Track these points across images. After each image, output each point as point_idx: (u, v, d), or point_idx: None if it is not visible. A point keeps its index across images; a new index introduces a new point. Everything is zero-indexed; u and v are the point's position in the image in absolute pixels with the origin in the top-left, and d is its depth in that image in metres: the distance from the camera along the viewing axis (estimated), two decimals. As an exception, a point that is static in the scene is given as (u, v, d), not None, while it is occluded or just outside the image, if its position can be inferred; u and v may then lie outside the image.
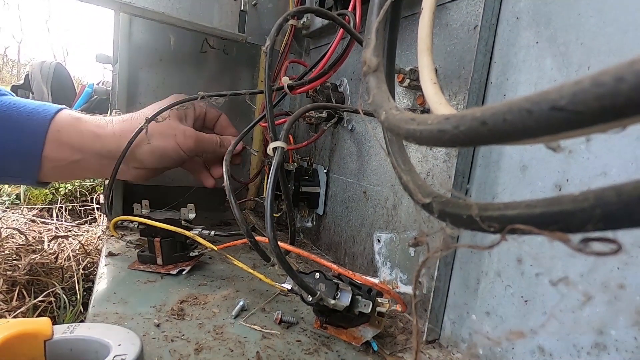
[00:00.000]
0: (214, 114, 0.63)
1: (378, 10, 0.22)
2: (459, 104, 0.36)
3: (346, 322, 0.36)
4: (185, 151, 0.55)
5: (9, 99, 0.48)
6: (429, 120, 0.13)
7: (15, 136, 0.46)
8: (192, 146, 0.55)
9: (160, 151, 0.53)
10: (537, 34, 0.31)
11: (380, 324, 0.36)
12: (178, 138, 0.54)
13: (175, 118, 0.55)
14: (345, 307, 0.33)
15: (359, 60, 0.54)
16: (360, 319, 0.35)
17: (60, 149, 0.49)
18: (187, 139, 0.54)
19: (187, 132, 0.55)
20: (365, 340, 0.35)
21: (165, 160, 0.55)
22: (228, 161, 0.43)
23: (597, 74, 0.08)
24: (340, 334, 0.37)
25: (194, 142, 0.55)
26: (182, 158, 0.56)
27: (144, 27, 0.66)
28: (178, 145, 0.54)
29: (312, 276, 0.36)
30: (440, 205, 0.15)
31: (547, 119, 0.09)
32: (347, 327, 0.36)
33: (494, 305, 0.33)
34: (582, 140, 0.27)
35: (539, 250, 0.29)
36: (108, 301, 0.39)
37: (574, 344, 0.27)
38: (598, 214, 0.09)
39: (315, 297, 0.33)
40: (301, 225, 0.69)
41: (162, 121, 0.53)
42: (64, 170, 0.52)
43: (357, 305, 0.34)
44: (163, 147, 0.53)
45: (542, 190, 0.30)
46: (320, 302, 0.33)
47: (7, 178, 0.51)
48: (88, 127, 0.50)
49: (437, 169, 0.39)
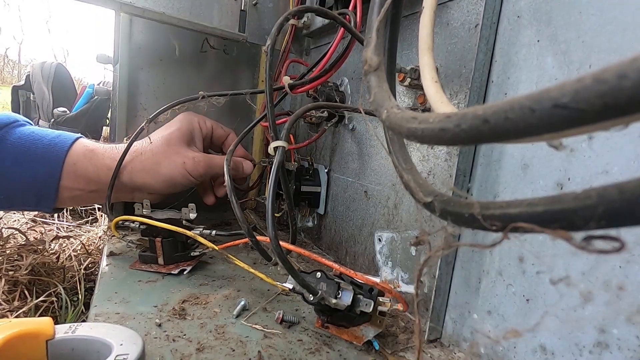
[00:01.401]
0: (221, 133, 0.61)
1: (379, 9, 0.22)
2: (460, 103, 0.36)
3: (347, 321, 0.36)
4: (196, 177, 0.54)
5: (28, 130, 0.48)
6: (431, 118, 0.13)
7: (33, 170, 0.47)
8: (202, 172, 0.54)
9: (169, 180, 0.52)
10: (538, 32, 0.31)
11: (381, 323, 0.36)
12: (187, 165, 0.52)
13: (183, 144, 0.54)
14: (346, 307, 0.33)
15: (359, 59, 0.54)
16: (362, 319, 0.35)
17: (77, 180, 0.49)
18: (196, 165, 0.53)
19: (196, 158, 0.53)
20: (367, 340, 0.35)
21: (175, 187, 0.54)
22: (229, 160, 0.43)
23: (600, 71, 0.08)
24: (341, 333, 0.37)
25: (203, 168, 0.54)
26: (192, 183, 0.55)
27: (144, 27, 0.66)
28: (188, 173, 0.52)
29: (314, 275, 0.36)
30: (442, 204, 0.15)
31: (549, 116, 0.09)
32: (349, 327, 0.36)
33: (496, 304, 0.33)
34: (584, 139, 0.27)
35: (540, 248, 0.29)
36: (109, 301, 0.39)
37: (575, 343, 0.27)
38: (600, 211, 0.09)
39: (317, 296, 0.33)
40: (302, 224, 0.69)
41: (162, 122, 0.53)
42: (80, 199, 0.52)
43: (359, 304, 0.34)
44: (172, 176, 0.52)
45: (543, 188, 0.30)
46: (322, 301, 0.33)
47: (24, 207, 0.51)
48: (103, 160, 0.50)
49: (438, 168, 0.39)
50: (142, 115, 0.70)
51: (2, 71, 4.18)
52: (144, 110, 0.70)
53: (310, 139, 0.61)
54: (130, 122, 0.68)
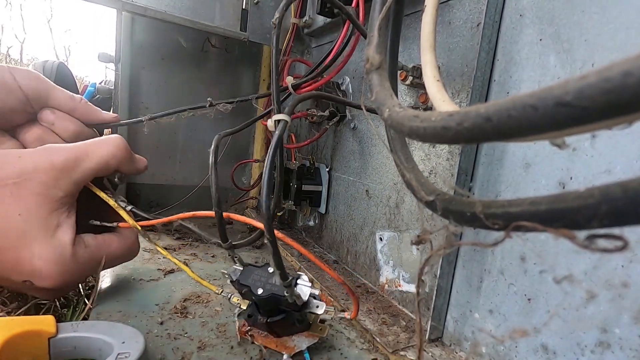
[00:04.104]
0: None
1: (381, 7, 0.22)
2: (462, 102, 0.36)
3: (285, 327, 0.32)
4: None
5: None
6: (433, 117, 0.13)
7: None
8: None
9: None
10: (541, 31, 0.31)
11: (322, 331, 0.34)
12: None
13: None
14: (301, 305, 0.31)
15: (361, 58, 0.54)
16: (302, 326, 0.33)
17: None
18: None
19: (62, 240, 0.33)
20: (298, 351, 0.32)
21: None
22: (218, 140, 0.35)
23: (604, 69, 0.08)
24: (269, 343, 0.33)
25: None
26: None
27: (146, 26, 0.66)
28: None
29: (265, 269, 0.33)
30: (444, 202, 0.15)
31: (553, 114, 0.09)
32: (282, 335, 0.33)
33: (497, 304, 0.33)
34: (587, 137, 0.27)
35: (542, 247, 0.29)
36: (111, 299, 0.39)
37: (577, 342, 0.27)
38: (604, 210, 0.09)
39: (287, 281, 0.29)
40: (303, 223, 0.69)
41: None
42: None
43: (310, 305, 0.32)
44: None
45: (545, 187, 0.30)
46: (272, 295, 0.30)
47: None
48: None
49: (440, 167, 0.39)
50: (143, 113, 0.70)
51: (4, 70, 4.18)
52: (145, 109, 0.70)
53: (312, 138, 0.61)
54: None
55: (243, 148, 0.82)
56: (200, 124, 0.75)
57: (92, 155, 0.35)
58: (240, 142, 0.81)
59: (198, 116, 0.54)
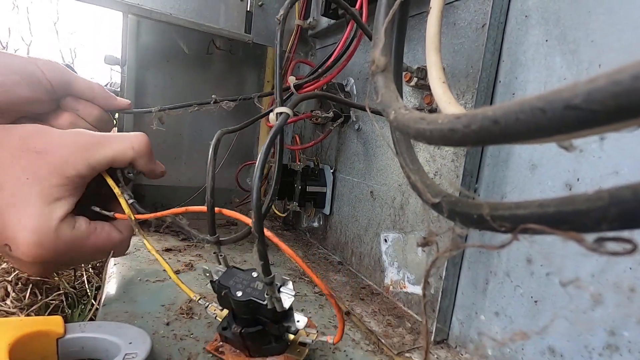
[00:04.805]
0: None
1: (386, 9, 0.22)
2: (467, 103, 0.36)
3: (260, 343, 0.30)
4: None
5: None
6: (440, 119, 0.13)
7: None
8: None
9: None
10: (547, 32, 0.31)
11: (300, 354, 0.31)
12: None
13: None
14: (282, 312, 0.28)
15: (365, 59, 0.54)
16: (278, 346, 0.30)
17: None
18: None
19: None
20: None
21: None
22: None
23: (613, 72, 0.08)
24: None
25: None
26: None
27: (151, 28, 0.67)
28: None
29: (249, 273, 0.30)
30: (450, 204, 0.15)
31: (561, 117, 0.09)
32: (255, 355, 0.30)
33: (503, 306, 0.33)
34: (594, 139, 0.27)
35: (549, 250, 0.29)
36: (118, 300, 0.39)
37: (585, 345, 0.27)
38: (613, 213, 0.09)
39: (269, 278, 0.26)
40: (308, 225, 0.69)
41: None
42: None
43: (290, 319, 0.30)
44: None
45: (552, 189, 0.30)
46: (251, 300, 0.28)
47: None
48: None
49: (445, 168, 0.38)
50: (148, 115, 0.70)
51: (12, 72, 4.23)
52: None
53: (316, 139, 0.61)
54: (138, 122, 0.68)
55: (248, 149, 0.82)
56: (205, 125, 0.76)
57: (113, 143, 0.36)
58: (245, 143, 0.81)
59: (203, 117, 0.55)
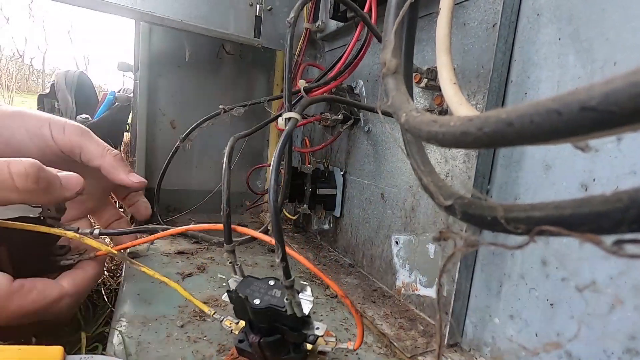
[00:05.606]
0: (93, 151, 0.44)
1: (395, 11, 0.22)
2: (478, 104, 0.36)
3: (279, 353, 0.29)
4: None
5: None
6: (452, 122, 0.13)
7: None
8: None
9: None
10: (559, 30, 0.30)
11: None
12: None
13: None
14: (302, 317, 0.28)
15: (374, 61, 0.54)
16: (297, 355, 0.30)
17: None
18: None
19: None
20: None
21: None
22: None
23: (631, 73, 0.08)
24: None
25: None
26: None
27: (163, 35, 0.68)
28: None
29: (266, 282, 0.30)
30: (463, 207, 0.15)
31: (577, 120, 0.09)
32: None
33: (518, 309, 0.32)
34: (611, 139, 0.26)
35: (565, 252, 0.29)
36: (132, 303, 0.40)
37: (603, 350, 0.26)
38: (633, 215, 0.09)
39: (288, 283, 0.26)
40: (318, 227, 0.69)
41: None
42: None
43: (310, 326, 0.29)
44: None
45: (566, 190, 0.29)
46: (270, 307, 0.28)
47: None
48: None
49: (456, 169, 0.38)
50: (161, 120, 0.72)
51: (28, 80, 4.36)
52: (162, 115, 0.72)
53: (326, 141, 0.61)
54: (150, 127, 0.69)
55: (258, 153, 0.83)
56: (216, 129, 0.76)
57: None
58: (255, 146, 0.82)
59: (213, 121, 0.56)
